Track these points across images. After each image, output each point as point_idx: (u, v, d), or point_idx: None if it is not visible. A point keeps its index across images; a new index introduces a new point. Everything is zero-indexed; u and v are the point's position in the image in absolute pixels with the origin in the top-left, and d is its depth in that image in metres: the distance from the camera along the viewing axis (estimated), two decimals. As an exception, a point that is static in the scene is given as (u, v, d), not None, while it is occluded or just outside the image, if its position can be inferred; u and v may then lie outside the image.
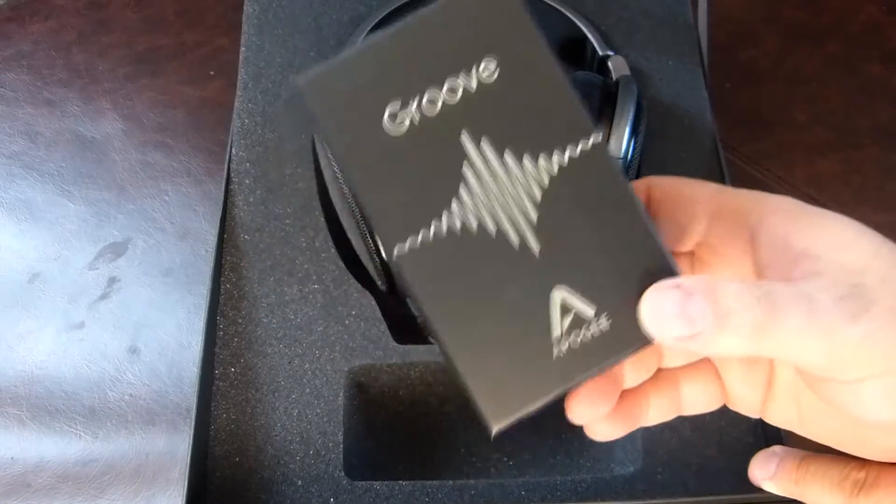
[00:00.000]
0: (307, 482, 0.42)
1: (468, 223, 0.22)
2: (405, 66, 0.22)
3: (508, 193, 0.22)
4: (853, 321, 0.20)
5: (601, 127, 0.42)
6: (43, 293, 0.52)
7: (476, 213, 0.22)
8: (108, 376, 0.49)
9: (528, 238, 0.22)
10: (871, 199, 0.53)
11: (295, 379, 0.45)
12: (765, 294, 0.20)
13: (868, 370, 0.21)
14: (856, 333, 0.20)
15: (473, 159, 0.22)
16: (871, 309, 0.20)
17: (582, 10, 0.52)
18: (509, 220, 0.22)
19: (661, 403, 0.27)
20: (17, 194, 0.56)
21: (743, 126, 0.56)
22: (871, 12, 0.60)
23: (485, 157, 0.22)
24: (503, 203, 0.22)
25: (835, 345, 0.20)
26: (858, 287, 0.20)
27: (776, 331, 0.20)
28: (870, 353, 0.20)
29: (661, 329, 0.21)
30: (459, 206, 0.22)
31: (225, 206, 0.48)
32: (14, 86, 0.61)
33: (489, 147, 0.22)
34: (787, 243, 0.22)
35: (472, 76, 0.22)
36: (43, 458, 0.47)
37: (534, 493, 0.41)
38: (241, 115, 0.51)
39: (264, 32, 0.53)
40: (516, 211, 0.22)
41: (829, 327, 0.20)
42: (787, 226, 0.23)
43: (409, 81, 0.22)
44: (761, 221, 0.23)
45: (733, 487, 0.41)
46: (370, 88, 0.22)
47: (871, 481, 0.24)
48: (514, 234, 0.22)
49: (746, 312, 0.20)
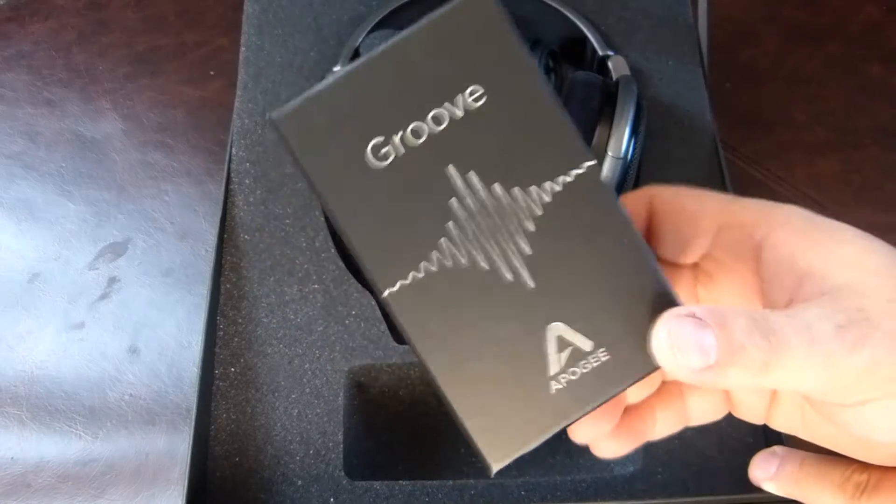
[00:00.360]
0: (307, 482, 0.42)
1: (459, 260, 0.21)
2: (386, 96, 0.21)
3: (499, 227, 0.21)
4: (852, 351, 0.20)
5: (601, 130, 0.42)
6: (43, 293, 0.52)
7: (467, 249, 0.21)
8: (108, 376, 0.49)
9: (522, 273, 0.21)
10: (871, 199, 0.53)
11: (295, 379, 0.45)
12: (771, 330, 0.20)
13: (869, 395, 0.21)
14: (854, 363, 0.20)
15: (461, 192, 0.21)
16: (871, 335, 0.20)
17: (582, 10, 0.52)
18: (501, 256, 0.21)
19: (668, 416, 0.27)
20: (17, 194, 0.56)
21: (743, 126, 0.56)
22: (871, 12, 0.60)
23: (473, 189, 0.21)
24: (495, 237, 0.21)
25: (834, 374, 0.20)
26: (861, 311, 0.20)
27: (780, 366, 0.20)
28: (869, 379, 0.20)
29: (675, 359, 0.21)
30: (449, 243, 0.21)
31: (225, 206, 0.48)
32: (14, 86, 0.61)
33: (477, 179, 0.21)
34: (792, 261, 0.22)
35: (458, 104, 0.21)
36: (43, 458, 0.47)
37: (534, 493, 0.41)
38: (241, 115, 0.51)
39: (264, 32, 0.53)
40: (509, 245, 0.21)
41: (829, 359, 0.20)
42: (793, 242, 0.22)
43: (391, 113, 0.21)
44: (767, 237, 0.23)
45: (733, 487, 0.41)
46: (351, 122, 0.21)
47: (873, 484, 0.24)
48: (506, 270, 0.21)
49: (756, 349, 0.20)
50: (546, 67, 0.48)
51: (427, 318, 0.22)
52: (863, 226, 0.22)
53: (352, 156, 0.21)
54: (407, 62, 0.20)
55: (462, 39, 0.20)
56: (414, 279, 0.21)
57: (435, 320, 0.22)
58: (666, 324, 0.21)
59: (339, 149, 0.21)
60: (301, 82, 0.51)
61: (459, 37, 0.20)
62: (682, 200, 0.25)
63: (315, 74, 0.52)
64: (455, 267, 0.21)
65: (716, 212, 0.24)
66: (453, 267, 0.21)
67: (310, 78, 0.52)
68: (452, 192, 0.21)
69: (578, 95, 0.44)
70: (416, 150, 0.21)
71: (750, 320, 0.20)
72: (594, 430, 0.24)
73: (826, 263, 0.21)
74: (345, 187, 0.21)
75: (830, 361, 0.20)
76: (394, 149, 0.21)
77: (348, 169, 0.21)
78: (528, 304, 0.22)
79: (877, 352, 0.20)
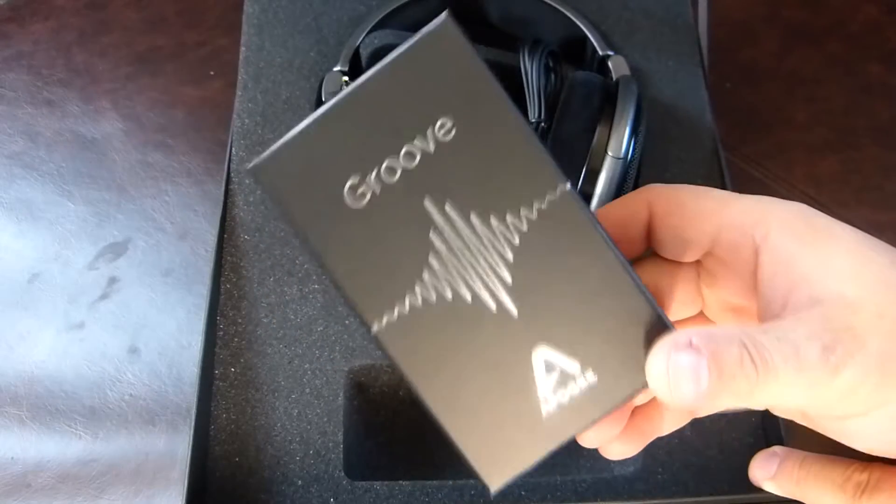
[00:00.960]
0: (307, 482, 0.42)
1: (442, 293, 0.22)
2: (357, 137, 0.21)
3: (480, 257, 0.22)
4: (834, 374, 0.20)
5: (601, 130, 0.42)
6: (43, 293, 0.52)
7: (449, 281, 0.22)
8: (108, 376, 0.49)
9: (505, 301, 0.22)
10: (871, 199, 0.53)
11: (295, 379, 0.45)
12: (762, 358, 0.20)
13: (850, 411, 0.21)
14: (836, 385, 0.20)
15: (440, 225, 0.21)
16: (855, 356, 0.20)
17: (582, 10, 0.52)
18: (483, 285, 0.22)
19: (675, 412, 0.27)
20: (17, 194, 0.56)
21: (743, 126, 0.56)
22: (871, 12, 0.60)
23: (451, 221, 0.21)
24: (475, 268, 0.22)
25: (816, 395, 0.20)
26: (849, 330, 0.20)
27: (765, 392, 0.20)
28: (850, 399, 0.21)
29: (669, 389, 0.21)
30: (431, 275, 0.22)
31: (225, 206, 0.48)
32: (14, 86, 0.61)
33: (454, 211, 0.21)
34: (789, 266, 0.22)
35: (429, 138, 0.21)
36: (43, 458, 0.47)
37: (534, 493, 0.41)
38: (241, 115, 0.51)
39: (264, 32, 0.53)
40: (489, 275, 0.22)
41: (812, 382, 0.20)
42: (791, 246, 0.22)
43: (363, 154, 0.21)
44: (766, 238, 0.23)
45: (733, 487, 0.41)
46: (325, 165, 0.21)
47: (873, 483, 0.24)
48: (489, 300, 0.22)
49: (745, 379, 0.20)
50: (546, 67, 0.48)
51: (416, 351, 0.22)
52: (863, 225, 0.22)
53: (330, 198, 0.21)
54: (374, 101, 0.21)
55: (427, 73, 0.20)
56: (400, 314, 0.22)
57: (424, 352, 0.22)
58: (663, 353, 0.21)
59: (316, 192, 0.21)
60: (301, 82, 0.51)
61: (425, 71, 0.20)
62: (682, 200, 0.25)
63: (315, 74, 0.52)
64: (439, 300, 0.22)
65: (715, 212, 0.24)
66: (437, 300, 0.22)
67: (310, 78, 0.52)
68: (431, 225, 0.21)
69: (578, 95, 0.44)
70: (392, 188, 0.21)
71: (741, 348, 0.20)
72: (602, 435, 0.25)
73: (822, 271, 0.21)
74: (326, 229, 0.21)
75: (813, 384, 0.20)
76: (369, 188, 0.21)
77: (327, 211, 0.21)
78: (514, 332, 0.22)
79: (858, 373, 0.20)
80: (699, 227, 0.24)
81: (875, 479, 0.24)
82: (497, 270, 0.22)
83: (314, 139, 0.21)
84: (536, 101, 0.46)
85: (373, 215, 0.21)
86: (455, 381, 0.22)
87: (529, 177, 0.21)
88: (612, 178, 0.42)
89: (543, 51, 0.48)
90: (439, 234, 0.21)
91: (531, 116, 0.46)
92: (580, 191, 0.42)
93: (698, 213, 0.24)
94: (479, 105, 0.21)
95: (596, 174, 0.42)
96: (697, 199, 0.24)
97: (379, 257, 0.22)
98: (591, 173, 0.42)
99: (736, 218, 0.24)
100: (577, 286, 0.22)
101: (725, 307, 0.27)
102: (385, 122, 0.21)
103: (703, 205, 0.24)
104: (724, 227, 0.24)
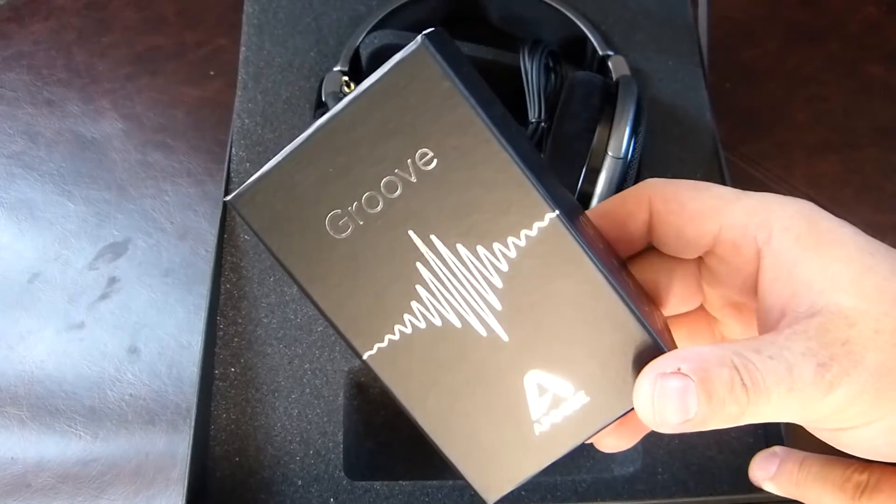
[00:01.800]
0: (307, 482, 0.42)
1: (432, 320, 0.22)
2: (335, 169, 0.20)
3: (468, 284, 0.21)
4: (828, 392, 0.20)
5: (601, 130, 0.42)
6: (43, 293, 0.52)
7: (438, 310, 0.21)
8: (108, 376, 0.49)
9: (495, 327, 0.22)
10: (871, 199, 0.53)
11: (295, 379, 0.45)
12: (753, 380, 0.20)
13: (843, 425, 0.21)
14: (829, 402, 0.20)
15: (425, 255, 0.21)
16: (850, 372, 0.20)
17: (582, 10, 0.52)
18: (472, 313, 0.22)
19: None
20: (17, 194, 0.56)
21: (743, 126, 0.56)
22: (871, 12, 0.60)
23: (436, 252, 0.21)
24: (463, 297, 0.21)
25: (808, 411, 0.20)
26: (845, 346, 0.20)
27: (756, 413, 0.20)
28: (842, 415, 0.21)
29: (654, 416, 0.21)
30: (420, 305, 0.21)
31: (225, 206, 0.48)
32: (14, 86, 0.61)
33: (439, 242, 0.21)
34: (790, 272, 0.22)
35: (409, 169, 0.20)
36: (43, 458, 0.47)
37: (534, 493, 0.41)
38: (241, 115, 0.51)
39: (264, 32, 0.53)
40: (478, 303, 0.21)
41: (805, 401, 0.20)
42: (793, 251, 0.22)
43: (342, 186, 0.20)
44: (769, 241, 0.23)
45: (733, 487, 0.41)
46: (305, 197, 0.21)
47: (873, 484, 0.24)
48: (479, 326, 0.22)
49: (735, 404, 0.20)
50: (546, 67, 0.48)
51: (408, 377, 0.22)
52: (862, 226, 0.22)
53: (312, 229, 0.21)
54: (351, 131, 0.20)
55: (403, 102, 0.20)
56: (390, 342, 0.22)
57: (416, 378, 0.22)
58: (649, 381, 0.21)
59: (298, 224, 0.21)
60: (301, 82, 0.51)
61: (400, 99, 0.20)
62: (682, 199, 0.24)
63: (315, 74, 0.52)
64: (429, 327, 0.22)
65: (717, 211, 0.24)
66: (427, 327, 0.22)
67: (310, 78, 0.52)
68: (417, 255, 0.21)
69: (578, 95, 0.44)
70: (375, 219, 0.21)
71: (732, 371, 0.20)
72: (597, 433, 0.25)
73: (822, 280, 0.21)
74: (309, 260, 0.21)
75: (806, 403, 0.20)
76: (351, 220, 0.21)
77: (310, 242, 0.21)
78: (505, 356, 0.22)
79: (853, 391, 0.20)
80: (700, 227, 0.24)
81: (875, 480, 0.24)
82: (485, 297, 0.21)
83: (291, 171, 0.20)
84: (536, 101, 0.46)
85: (357, 245, 0.21)
86: (448, 404, 0.22)
87: (516, 206, 0.20)
88: (612, 178, 0.42)
89: (543, 51, 0.48)
90: (426, 264, 0.21)
91: (531, 116, 0.46)
92: (580, 191, 0.42)
93: (699, 212, 0.24)
94: (459, 134, 0.20)
95: (596, 174, 0.42)
96: (698, 197, 0.24)
97: (366, 287, 0.21)
98: (591, 173, 0.42)
99: (738, 218, 0.23)
100: (568, 310, 0.21)
101: (726, 303, 0.27)
102: (364, 151, 0.20)
103: (704, 203, 0.24)
104: (726, 227, 0.23)
